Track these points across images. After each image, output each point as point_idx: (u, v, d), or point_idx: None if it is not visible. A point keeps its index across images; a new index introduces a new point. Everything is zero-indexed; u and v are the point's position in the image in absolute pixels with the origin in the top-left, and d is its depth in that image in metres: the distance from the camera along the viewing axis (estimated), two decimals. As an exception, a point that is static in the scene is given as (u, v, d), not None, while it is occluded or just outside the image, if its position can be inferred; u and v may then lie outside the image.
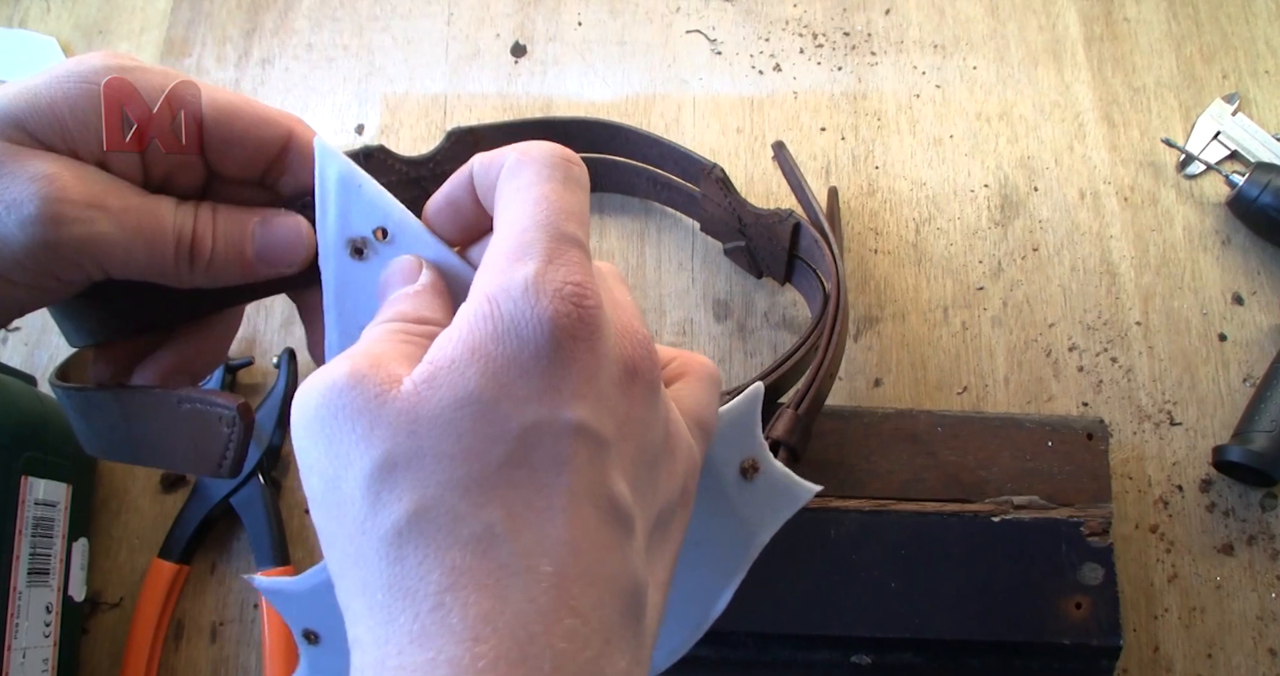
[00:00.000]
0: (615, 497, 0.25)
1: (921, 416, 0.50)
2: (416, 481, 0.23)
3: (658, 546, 0.27)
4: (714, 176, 0.54)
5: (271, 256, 0.33)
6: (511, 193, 0.28)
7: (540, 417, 0.24)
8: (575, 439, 0.25)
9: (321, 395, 0.25)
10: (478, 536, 0.23)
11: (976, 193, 0.62)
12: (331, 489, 0.24)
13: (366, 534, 0.23)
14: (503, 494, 0.24)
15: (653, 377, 0.27)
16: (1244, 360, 0.57)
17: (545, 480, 0.24)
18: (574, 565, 0.23)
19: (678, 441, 0.29)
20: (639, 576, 0.25)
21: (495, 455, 0.24)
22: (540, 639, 0.22)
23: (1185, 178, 0.62)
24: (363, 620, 0.23)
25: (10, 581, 0.46)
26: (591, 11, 0.67)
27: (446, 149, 0.56)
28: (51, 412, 0.51)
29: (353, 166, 0.31)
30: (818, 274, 0.52)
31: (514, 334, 0.24)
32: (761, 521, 0.35)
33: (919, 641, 0.46)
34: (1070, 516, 0.48)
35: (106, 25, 0.67)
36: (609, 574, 0.24)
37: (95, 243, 0.29)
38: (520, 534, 0.23)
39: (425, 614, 0.22)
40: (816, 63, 0.66)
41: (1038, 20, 0.67)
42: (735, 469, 0.34)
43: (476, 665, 0.22)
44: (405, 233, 0.30)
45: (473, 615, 0.22)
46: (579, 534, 0.24)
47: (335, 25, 0.67)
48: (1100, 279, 0.59)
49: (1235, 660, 0.51)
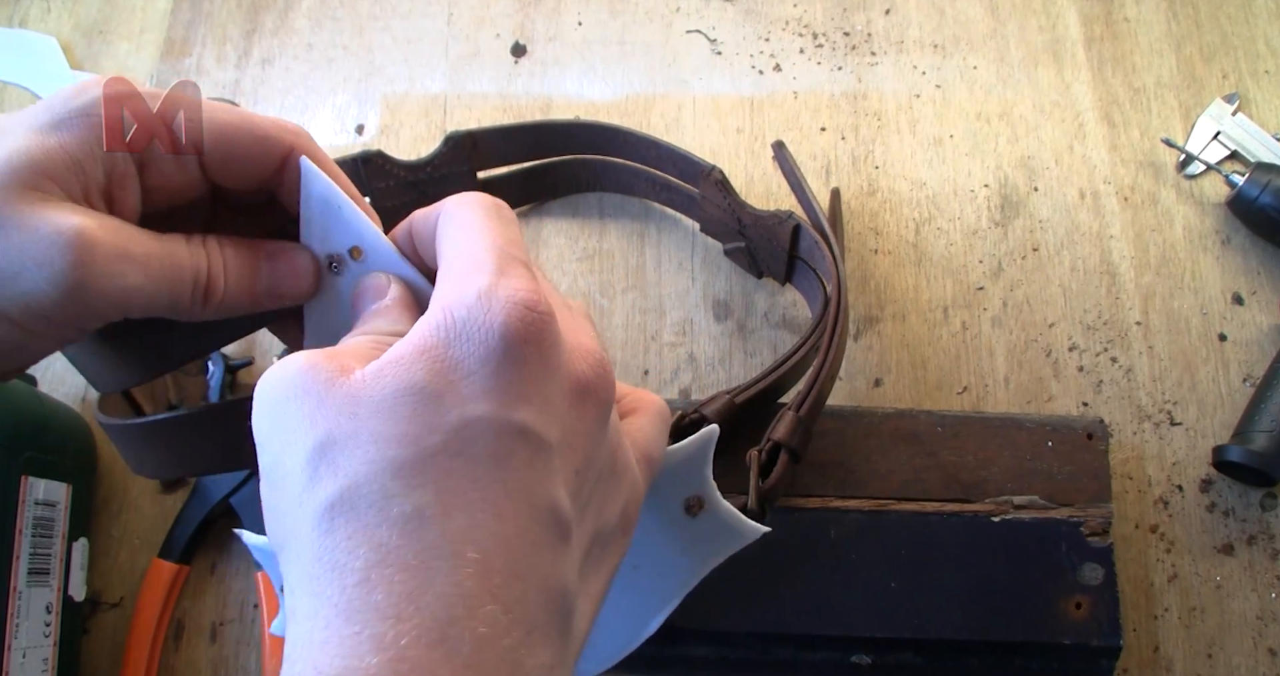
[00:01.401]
0: (553, 501, 0.26)
1: (921, 416, 0.50)
2: (352, 459, 0.24)
3: (595, 562, 0.28)
4: (713, 178, 0.54)
5: (277, 290, 0.34)
6: (455, 228, 0.30)
7: (482, 413, 0.25)
8: (516, 438, 0.25)
9: (278, 379, 0.26)
10: (407, 516, 0.24)
11: (976, 193, 0.62)
12: (277, 464, 0.26)
13: (303, 505, 0.24)
14: (436, 479, 0.24)
15: (605, 398, 0.28)
16: (1244, 360, 0.57)
17: (481, 472, 0.25)
18: (501, 556, 0.24)
19: (624, 467, 0.30)
20: (569, 582, 0.26)
21: (432, 442, 0.25)
22: (461, 621, 0.23)
23: (1185, 178, 0.62)
24: (297, 591, 0.24)
25: (10, 581, 0.46)
26: (591, 11, 0.67)
27: (444, 153, 0.57)
28: (51, 412, 0.51)
29: (335, 188, 0.32)
30: (818, 274, 0.52)
31: (465, 337, 0.25)
32: (701, 556, 0.37)
33: (919, 641, 0.46)
34: (1070, 516, 0.48)
35: (106, 25, 0.67)
36: (537, 572, 0.25)
37: (124, 292, 0.30)
38: (450, 519, 0.24)
39: (351, 587, 0.23)
40: (816, 63, 0.66)
41: (1038, 20, 0.67)
42: (680, 504, 0.36)
43: (399, 642, 0.22)
44: (377, 253, 0.32)
45: (397, 593, 0.23)
46: (510, 528, 0.25)
47: (335, 25, 0.67)
48: (1100, 279, 0.59)
49: (1235, 660, 0.51)
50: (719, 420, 0.44)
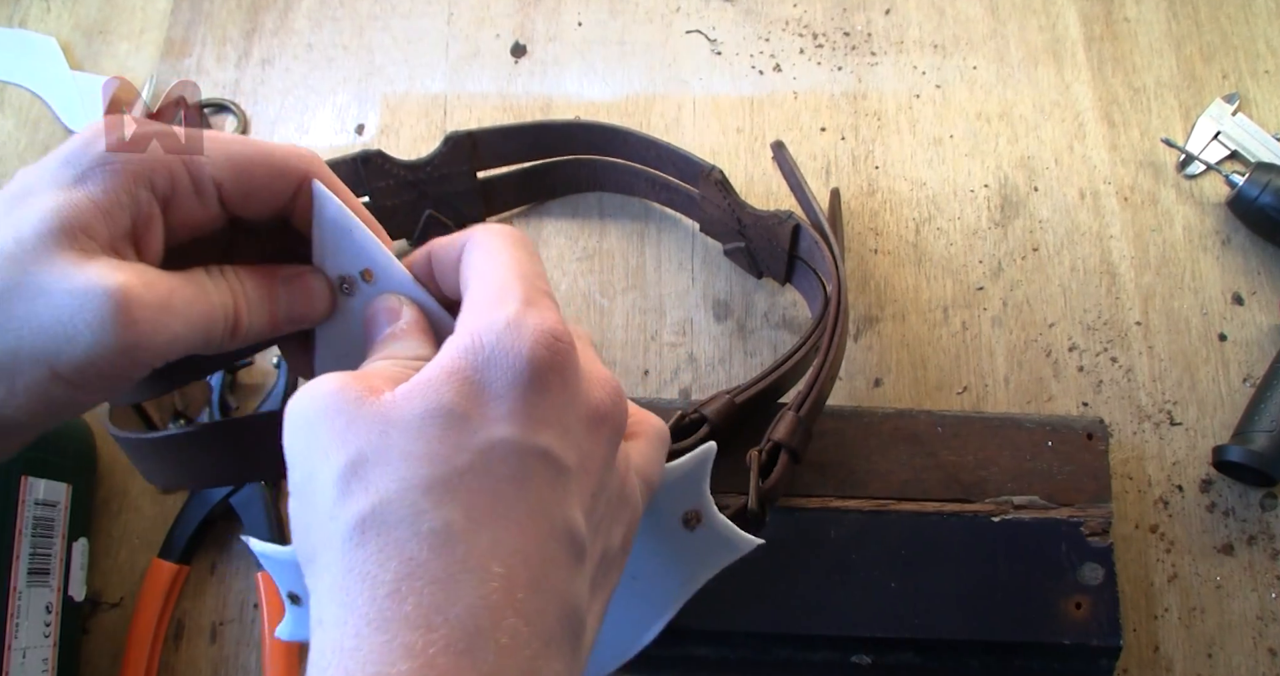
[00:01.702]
0: (570, 522, 0.27)
1: (921, 416, 0.50)
2: (383, 476, 0.25)
3: (600, 581, 0.30)
4: (713, 178, 0.54)
5: (295, 314, 0.34)
6: (483, 257, 0.31)
7: (507, 435, 0.26)
8: (538, 460, 0.27)
9: (310, 398, 0.27)
10: (436, 532, 0.25)
11: (976, 193, 0.62)
12: (309, 480, 0.27)
13: (335, 520, 0.25)
14: (463, 497, 0.25)
15: (619, 425, 0.30)
16: (1244, 360, 0.57)
17: (505, 491, 0.26)
18: (523, 572, 0.25)
19: (630, 493, 0.31)
20: (581, 598, 0.27)
21: (459, 461, 0.26)
22: (486, 632, 0.24)
23: (1185, 178, 0.62)
24: (325, 601, 0.25)
25: (10, 581, 0.46)
26: (591, 11, 0.67)
27: (444, 153, 0.56)
28: (51, 413, 0.51)
29: (347, 211, 0.33)
30: (818, 275, 0.52)
31: (494, 362, 0.27)
32: (697, 567, 0.38)
33: (919, 641, 0.46)
34: (1070, 516, 0.48)
35: (106, 25, 0.67)
36: (554, 587, 0.26)
37: (169, 344, 0.30)
38: (476, 535, 0.25)
39: (382, 598, 0.24)
40: (816, 63, 0.66)
41: (1038, 20, 0.67)
42: (679, 517, 0.38)
43: (428, 651, 0.23)
44: (389, 275, 0.33)
45: (426, 604, 0.24)
46: (531, 544, 0.26)
47: (335, 25, 0.67)
48: (1100, 279, 0.59)
49: (1235, 660, 0.51)
50: (719, 420, 0.44)
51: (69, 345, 0.28)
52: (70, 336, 0.28)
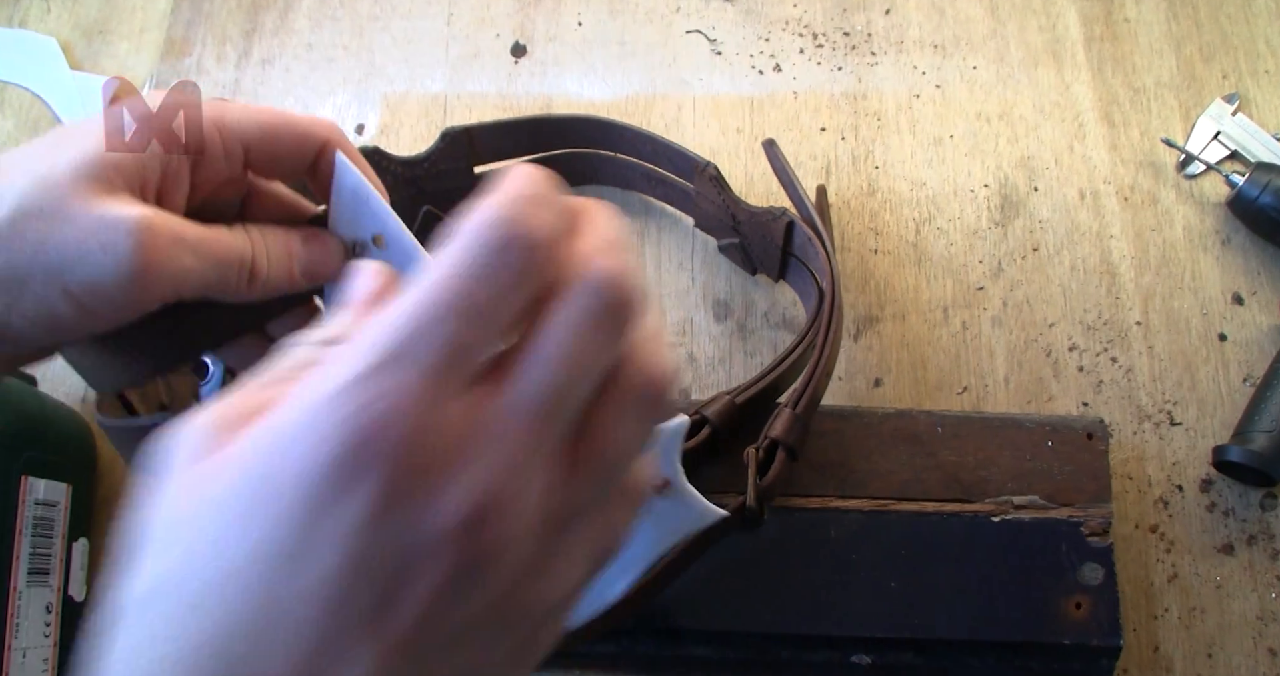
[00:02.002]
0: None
1: (921, 416, 0.50)
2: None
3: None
4: (707, 174, 0.54)
5: (313, 270, 0.36)
6: (441, 258, 0.20)
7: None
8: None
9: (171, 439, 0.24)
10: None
11: (976, 193, 0.62)
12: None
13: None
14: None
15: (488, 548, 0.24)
16: (1244, 360, 0.57)
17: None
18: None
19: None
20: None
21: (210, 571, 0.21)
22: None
23: (1185, 178, 0.62)
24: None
25: (10, 581, 0.46)
26: (591, 11, 0.67)
27: (441, 149, 0.56)
28: (51, 413, 0.52)
29: (364, 181, 0.35)
30: (812, 271, 0.52)
31: (288, 451, 0.19)
32: (664, 533, 0.40)
33: (919, 641, 0.46)
34: (1070, 516, 0.48)
35: (106, 25, 0.67)
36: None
37: (181, 274, 0.32)
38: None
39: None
40: (816, 63, 0.66)
41: (1038, 20, 0.67)
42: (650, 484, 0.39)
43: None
44: (398, 242, 0.35)
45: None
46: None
47: (335, 25, 0.67)
48: (1100, 279, 0.59)
49: (1235, 660, 0.51)
50: (719, 421, 0.44)
51: (82, 264, 0.31)
52: (85, 255, 0.31)
